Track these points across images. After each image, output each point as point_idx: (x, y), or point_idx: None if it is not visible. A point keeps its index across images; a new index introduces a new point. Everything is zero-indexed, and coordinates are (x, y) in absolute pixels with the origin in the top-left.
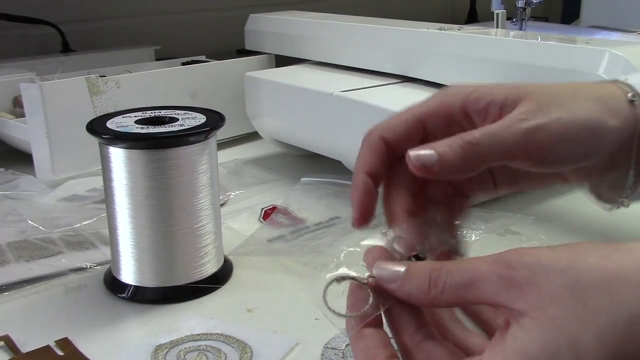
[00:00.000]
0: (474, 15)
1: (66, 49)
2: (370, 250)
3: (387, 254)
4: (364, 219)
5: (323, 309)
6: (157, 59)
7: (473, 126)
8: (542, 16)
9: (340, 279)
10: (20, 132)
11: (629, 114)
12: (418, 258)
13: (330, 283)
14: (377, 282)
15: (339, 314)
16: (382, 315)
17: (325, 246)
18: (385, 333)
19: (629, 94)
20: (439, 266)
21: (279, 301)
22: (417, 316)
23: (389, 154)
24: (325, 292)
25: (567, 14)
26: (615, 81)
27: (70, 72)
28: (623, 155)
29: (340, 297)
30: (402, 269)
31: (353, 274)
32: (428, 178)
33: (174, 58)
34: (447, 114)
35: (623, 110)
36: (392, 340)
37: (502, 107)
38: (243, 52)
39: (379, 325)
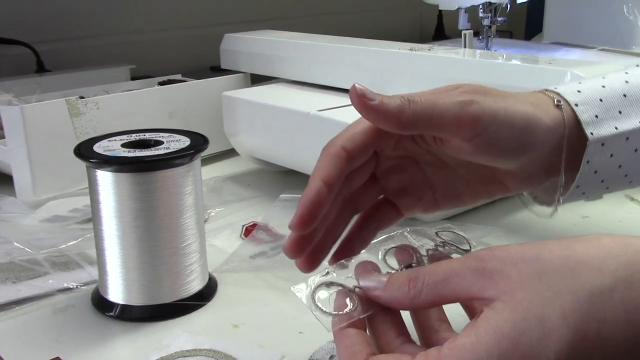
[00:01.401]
0: (441, 30)
1: (41, 68)
2: (361, 264)
3: (376, 268)
4: (303, 223)
5: (311, 307)
6: (133, 78)
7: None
8: (506, 30)
9: (330, 284)
10: (0, 154)
11: (557, 116)
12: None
13: (319, 285)
14: (363, 291)
15: (326, 312)
16: (366, 321)
17: None
18: (367, 334)
19: (555, 99)
20: (417, 270)
21: (263, 316)
22: (398, 324)
23: (348, 164)
24: (314, 292)
25: (531, 27)
26: (544, 90)
27: (47, 92)
28: (556, 160)
29: (328, 301)
30: (384, 278)
31: (342, 281)
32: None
33: (149, 76)
34: None
35: (551, 112)
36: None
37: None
38: (217, 70)
39: (362, 327)
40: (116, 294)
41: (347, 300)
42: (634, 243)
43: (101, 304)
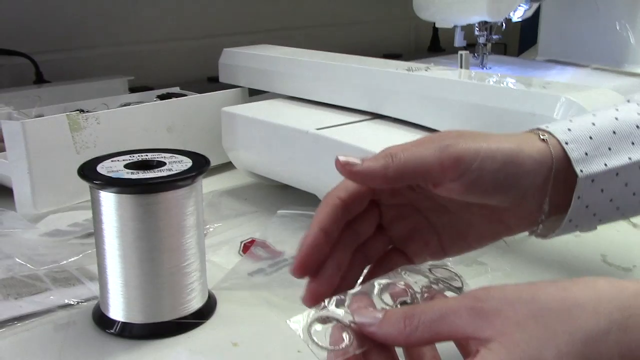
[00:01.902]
0: (436, 44)
1: (40, 79)
2: (356, 299)
3: (371, 303)
4: (302, 267)
5: (307, 342)
6: (131, 89)
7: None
8: (501, 42)
9: (326, 318)
10: (0, 167)
11: (542, 148)
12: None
13: (315, 320)
14: (358, 327)
15: (321, 347)
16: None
17: (305, 280)
18: None
19: (540, 134)
20: (413, 307)
21: (262, 334)
22: (392, 359)
23: (345, 213)
24: (310, 326)
25: (525, 40)
26: (535, 128)
27: (45, 104)
28: (552, 197)
29: (324, 334)
30: (380, 314)
31: (338, 316)
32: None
33: (148, 87)
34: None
35: (537, 145)
36: None
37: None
38: (214, 80)
39: None
40: (117, 312)
41: (344, 335)
42: (629, 287)
43: (102, 321)
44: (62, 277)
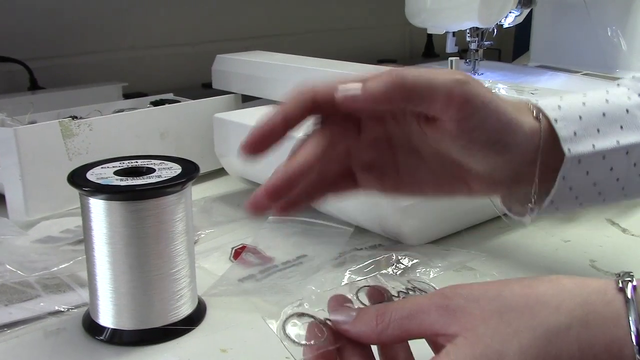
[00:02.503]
0: (430, 49)
1: (34, 85)
2: (334, 297)
3: (348, 302)
4: (251, 146)
5: (282, 338)
6: (125, 95)
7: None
8: (495, 48)
9: (302, 314)
10: None
11: (534, 126)
12: None
13: (291, 316)
14: (333, 324)
15: (296, 342)
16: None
17: (295, 286)
18: None
19: (534, 111)
20: (385, 305)
21: (251, 341)
22: (367, 357)
23: (313, 105)
24: (286, 323)
25: (519, 46)
26: (527, 101)
27: (39, 111)
28: (528, 171)
29: (299, 331)
30: (354, 312)
31: (313, 313)
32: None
33: (142, 94)
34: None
35: (530, 121)
36: None
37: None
38: (208, 87)
39: (332, 359)
40: (106, 318)
41: (318, 332)
42: (591, 284)
43: (92, 327)
44: (53, 284)
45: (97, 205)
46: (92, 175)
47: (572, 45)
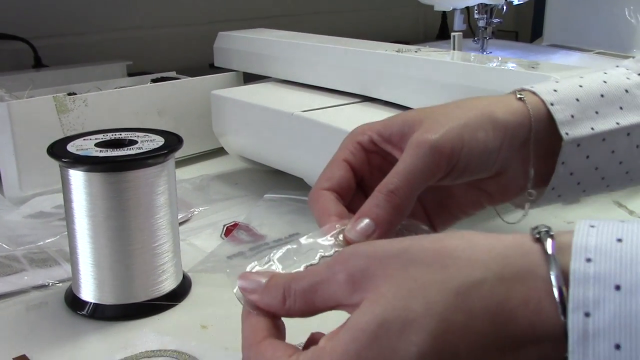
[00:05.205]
0: (445, 31)
1: (38, 64)
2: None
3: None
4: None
5: (233, 287)
6: (129, 74)
7: (385, 153)
8: (512, 30)
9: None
10: None
11: (519, 109)
12: None
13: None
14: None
15: (238, 297)
16: None
17: None
18: (273, 322)
19: (518, 93)
20: (293, 275)
21: (233, 318)
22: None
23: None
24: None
25: (537, 28)
26: (520, 88)
27: (41, 88)
28: (535, 160)
29: None
30: (263, 280)
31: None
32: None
33: (146, 73)
34: (363, 150)
35: (513, 105)
36: None
37: (401, 134)
38: (217, 67)
39: (270, 316)
40: (88, 293)
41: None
42: (506, 238)
43: (74, 302)
44: (40, 258)
45: (77, 177)
46: (73, 147)
47: (587, 24)
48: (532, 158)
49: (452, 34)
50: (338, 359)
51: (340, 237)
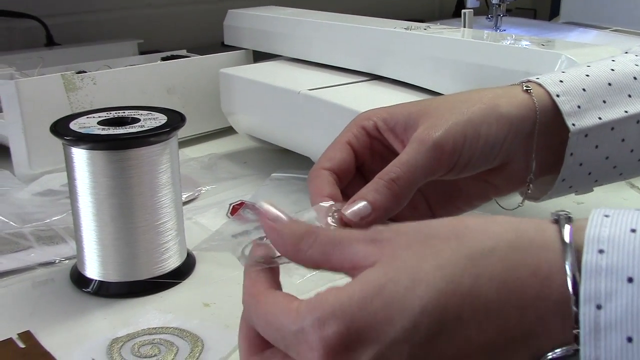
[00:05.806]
0: (460, 9)
1: (50, 42)
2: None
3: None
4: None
5: (239, 257)
6: (141, 52)
7: (387, 142)
8: (530, 8)
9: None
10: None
11: (524, 101)
12: None
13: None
14: (264, 216)
15: (238, 256)
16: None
17: None
18: (274, 276)
19: (524, 85)
20: (318, 227)
21: (235, 296)
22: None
23: (335, 181)
24: (247, 246)
25: (556, 6)
26: (526, 80)
27: (51, 66)
28: (540, 150)
29: None
30: (287, 218)
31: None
32: None
33: (157, 51)
34: (367, 135)
35: (518, 97)
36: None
37: (405, 126)
38: (228, 46)
39: (269, 271)
40: (93, 270)
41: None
42: (524, 219)
43: (79, 279)
44: (47, 236)
45: (80, 155)
46: (75, 125)
47: (604, 2)
48: (535, 150)
49: (463, 11)
50: (340, 305)
51: (331, 218)
